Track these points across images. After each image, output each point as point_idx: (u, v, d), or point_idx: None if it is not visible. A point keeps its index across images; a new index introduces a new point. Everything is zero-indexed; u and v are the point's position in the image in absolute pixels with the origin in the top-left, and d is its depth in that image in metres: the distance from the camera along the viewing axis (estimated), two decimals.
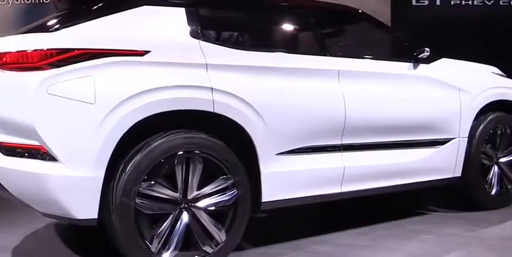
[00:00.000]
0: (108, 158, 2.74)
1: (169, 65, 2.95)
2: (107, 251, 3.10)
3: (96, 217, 2.76)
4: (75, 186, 2.69)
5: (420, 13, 6.31)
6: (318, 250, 3.39)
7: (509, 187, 4.41)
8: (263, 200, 3.22)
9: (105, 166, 2.74)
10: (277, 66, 3.29)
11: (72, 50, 2.74)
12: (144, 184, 2.83)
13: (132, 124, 2.79)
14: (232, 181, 3.07)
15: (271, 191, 3.24)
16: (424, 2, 6.30)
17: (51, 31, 2.84)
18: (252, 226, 3.23)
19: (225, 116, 3.05)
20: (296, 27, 3.70)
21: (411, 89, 3.87)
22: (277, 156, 3.24)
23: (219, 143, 3.04)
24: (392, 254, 3.32)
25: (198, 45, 3.09)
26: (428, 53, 3.91)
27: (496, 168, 4.36)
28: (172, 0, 3.16)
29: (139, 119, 2.80)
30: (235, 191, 3.07)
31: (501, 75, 4.60)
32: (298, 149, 3.33)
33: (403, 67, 3.89)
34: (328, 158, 3.47)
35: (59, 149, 2.68)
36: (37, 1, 6.37)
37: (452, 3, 6.32)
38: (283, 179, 3.27)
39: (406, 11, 6.29)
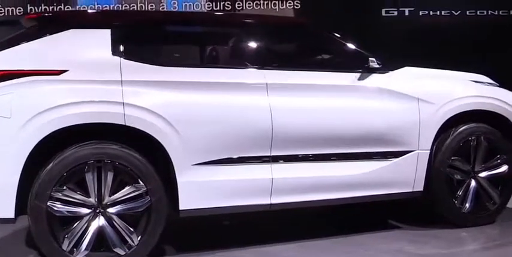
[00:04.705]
0: (23, 165, 3.13)
1: (84, 82, 3.27)
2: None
3: (13, 216, 3.16)
4: None
5: (389, 23, 6.30)
6: None
7: (487, 204, 4.07)
8: (180, 208, 3.40)
9: (20, 172, 3.12)
10: (195, 80, 3.45)
11: None
12: (55, 189, 3.17)
13: (44, 136, 3.14)
14: (145, 189, 3.30)
15: (189, 199, 3.40)
16: (393, 13, 6.33)
17: None
18: (197, 232, 3.33)
19: (137, 129, 3.29)
20: (225, 42, 3.80)
21: (355, 100, 3.77)
22: (194, 166, 3.40)
23: (131, 153, 3.28)
24: None
25: (119, 63, 3.37)
26: (374, 63, 3.79)
27: (472, 183, 4.05)
28: (99, 22, 3.49)
29: (51, 131, 3.16)
30: (148, 198, 3.29)
31: (488, 83, 4.25)
32: (218, 160, 3.45)
33: (347, 78, 3.79)
34: (254, 170, 3.54)
35: None
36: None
37: (420, 13, 6.38)
38: (201, 189, 3.42)
39: (375, 21, 6.20)
